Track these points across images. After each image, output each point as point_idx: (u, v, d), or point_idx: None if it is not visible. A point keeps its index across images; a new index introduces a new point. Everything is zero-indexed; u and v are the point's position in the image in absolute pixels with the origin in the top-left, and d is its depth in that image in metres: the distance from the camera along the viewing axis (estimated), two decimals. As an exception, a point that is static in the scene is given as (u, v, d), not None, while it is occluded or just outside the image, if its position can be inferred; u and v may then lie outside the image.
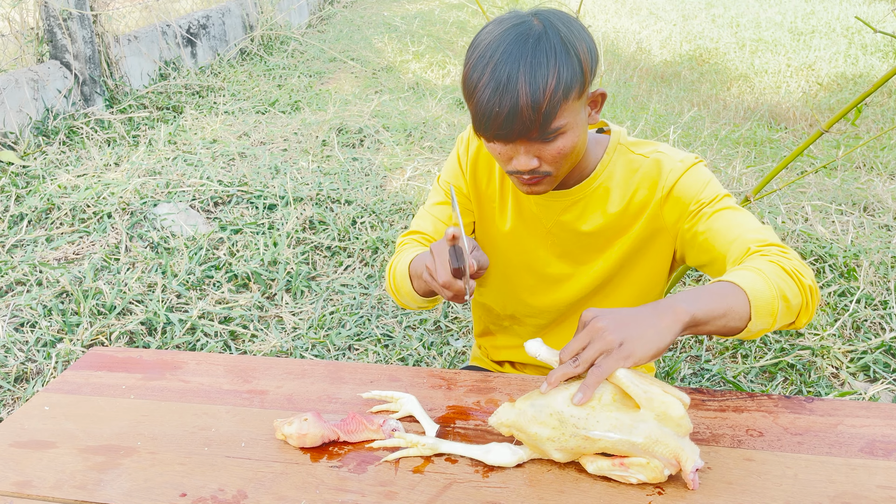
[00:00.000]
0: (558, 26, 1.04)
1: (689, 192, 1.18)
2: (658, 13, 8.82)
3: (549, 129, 1.04)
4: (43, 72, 4.16)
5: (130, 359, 1.30)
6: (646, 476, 0.93)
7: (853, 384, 2.21)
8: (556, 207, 1.26)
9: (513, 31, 1.03)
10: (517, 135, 1.04)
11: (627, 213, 1.24)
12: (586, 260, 1.30)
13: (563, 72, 1.02)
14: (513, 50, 1.01)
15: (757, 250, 1.08)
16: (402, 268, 1.23)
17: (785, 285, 1.03)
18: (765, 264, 1.04)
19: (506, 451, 1.00)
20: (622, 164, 1.24)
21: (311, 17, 8.02)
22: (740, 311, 0.99)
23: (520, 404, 0.97)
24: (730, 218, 1.14)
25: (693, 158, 1.21)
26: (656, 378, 1.07)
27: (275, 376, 1.24)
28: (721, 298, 0.99)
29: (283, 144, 4.06)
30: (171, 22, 5.38)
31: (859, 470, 0.98)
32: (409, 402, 1.12)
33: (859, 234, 3.02)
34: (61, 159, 3.78)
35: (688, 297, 0.99)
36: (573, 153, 1.11)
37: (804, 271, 1.07)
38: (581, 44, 1.05)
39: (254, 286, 2.72)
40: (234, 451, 1.04)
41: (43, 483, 0.99)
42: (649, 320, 0.95)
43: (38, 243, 2.92)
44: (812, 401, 1.14)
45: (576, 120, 1.08)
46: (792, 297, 1.03)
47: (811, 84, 6.07)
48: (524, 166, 1.09)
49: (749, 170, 3.75)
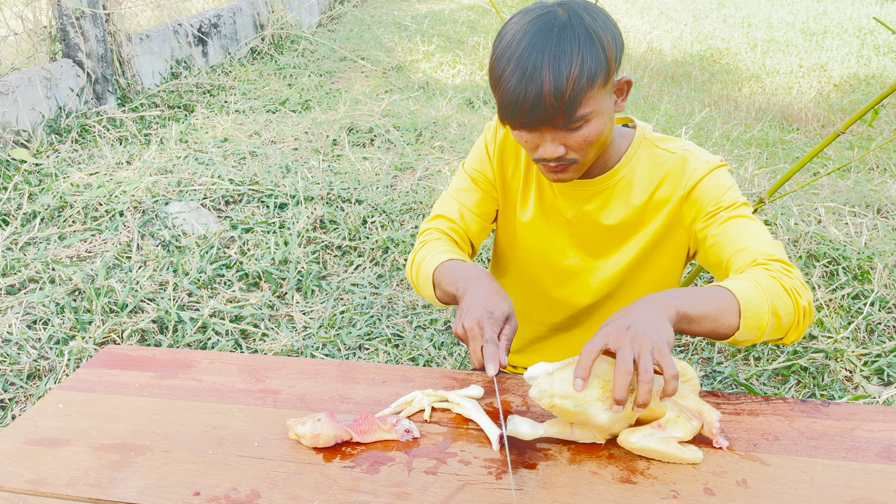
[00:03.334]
0: (583, 16, 1.06)
1: (709, 194, 1.18)
2: (669, 13, 8.78)
3: (574, 116, 1.06)
4: (56, 70, 4.18)
5: (143, 357, 1.30)
6: (681, 430, 0.96)
7: (867, 387, 2.20)
8: (580, 197, 1.27)
9: (538, 21, 1.05)
10: (541, 121, 1.06)
11: (649, 207, 1.25)
12: (603, 253, 1.31)
13: (587, 60, 1.03)
14: (538, 39, 1.03)
15: (762, 263, 1.09)
16: (426, 270, 1.24)
17: (779, 302, 1.03)
18: (765, 278, 1.05)
19: (524, 424, 1.00)
20: (647, 157, 1.24)
21: (321, 17, 8.03)
22: (730, 318, 1.00)
23: (559, 374, 0.95)
24: (743, 226, 1.15)
25: (718, 161, 1.21)
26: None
27: (287, 376, 1.24)
28: (713, 303, 1.00)
29: (293, 143, 4.07)
30: (183, 21, 5.40)
31: (876, 475, 0.97)
32: (426, 399, 1.12)
33: (873, 237, 2.99)
34: (74, 157, 3.80)
35: (681, 295, 1.00)
36: (599, 140, 1.12)
37: (802, 292, 1.07)
38: (606, 33, 1.06)
39: (264, 285, 2.73)
40: (247, 451, 1.04)
41: (57, 481, 0.99)
42: (646, 314, 0.96)
43: (50, 241, 2.94)
44: (828, 405, 1.13)
45: (601, 108, 1.09)
46: (784, 315, 1.04)
47: (823, 85, 6.03)
48: (551, 154, 1.10)
49: (761, 171, 3.73)
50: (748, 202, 1.20)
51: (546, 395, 0.94)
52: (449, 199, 1.36)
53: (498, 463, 1.01)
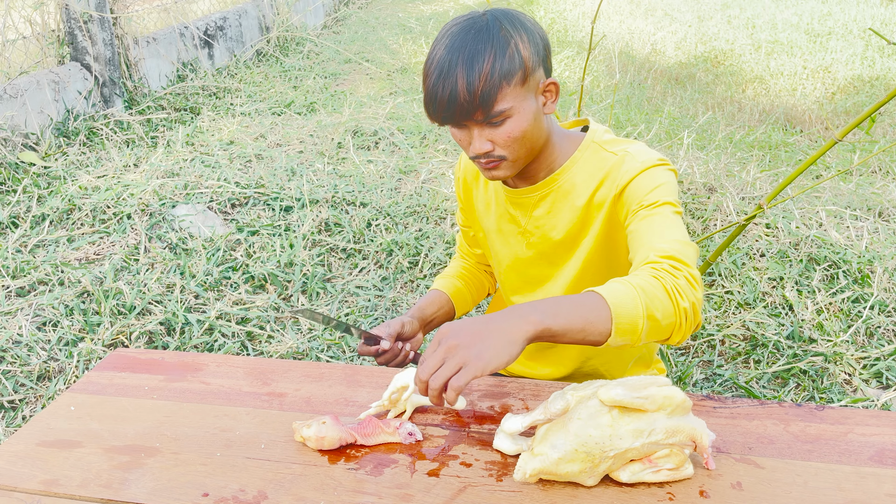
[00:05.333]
0: (502, 21, 1.13)
1: (637, 192, 1.18)
2: (673, 14, 8.79)
3: (492, 112, 1.12)
4: (63, 73, 4.23)
5: (152, 360, 1.33)
6: (673, 463, 0.98)
7: (866, 391, 2.21)
8: (527, 203, 1.32)
9: (460, 26, 1.14)
10: (460, 116, 1.13)
11: (590, 209, 1.27)
12: (559, 261, 1.35)
13: (499, 58, 1.10)
14: (455, 41, 1.11)
15: (653, 261, 1.07)
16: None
17: (657, 304, 1.00)
18: (645, 279, 1.02)
19: (506, 441, 1.04)
20: (592, 160, 1.27)
21: (326, 19, 8.07)
22: (601, 326, 0.98)
23: (539, 449, 0.97)
24: (654, 223, 1.13)
25: (656, 160, 1.21)
26: (632, 375, 1.10)
27: (293, 379, 1.27)
28: (582, 312, 0.98)
29: (298, 146, 4.10)
30: (189, 24, 5.44)
31: (869, 478, 1.00)
32: (415, 396, 1.14)
33: (874, 240, 3.01)
34: (82, 160, 3.84)
35: (548, 307, 0.98)
36: (524, 137, 1.17)
37: (686, 292, 1.03)
38: (522, 34, 1.13)
39: (270, 287, 2.76)
40: (254, 453, 1.07)
41: (70, 482, 1.02)
42: (500, 330, 0.95)
43: (59, 243, 2.98)
44: (823, 409, 1.15)
45: (522, 106, 1.15)
46: (662, 318, 1.01)
47: (827, 86, 6.03)
48: (478, 149, 1.17)
49: (763, 174, 3.74)
50: (676, 203, 1.17)
51: (532, 477, 0.96)
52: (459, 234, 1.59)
53: (499, 465, 1.04)
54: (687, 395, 1.02)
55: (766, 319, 2.53)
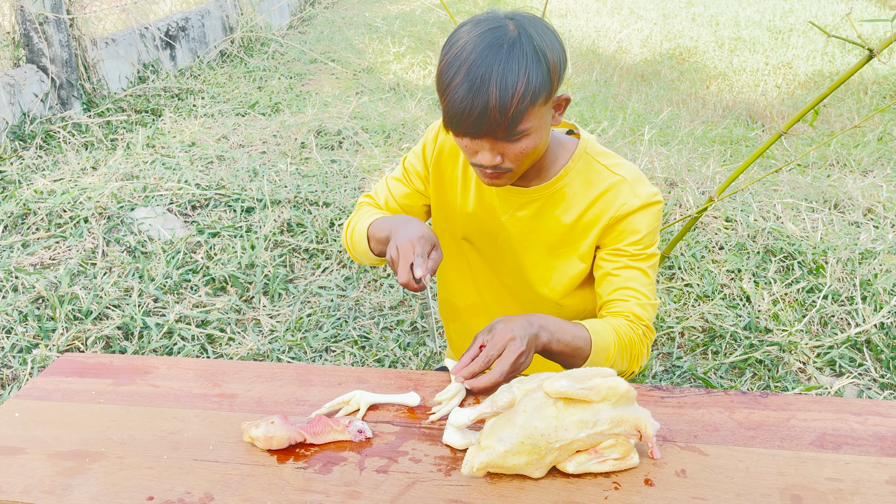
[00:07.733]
0: (532, 33, 1.09)
1: (629, 232, 1.26)
2: (639, 12, 8.88)
3: (515, 130, 1.10)
4: (19, 76, 4.14)
5: (101, 364, 1.31)
6: (619, 452, 0.99)
7: (819, 379, 2.26)
8: (514, 202, 1.32)
9: (489, 34, 1.08)
10: (484, 133, 1.10)
11: (577, 227, 1.30)
12: (535, 265, 1.36)
13: (533, 78, 1.07)
14: (487, 53, 1.07)
15: (635, 321, 1.25)
16: (360, 228, 1.34)
17: (621, 359, 1.23)
18: (626, 337, 1.22)
19: (455, 436, 1.05)
20: (585, 172, 1.28)
21: (291, 19, 8.01)
22: (580, 357, 1.18)
23: (486, 443, 0.98)
24: (635, 278, 1.27)
25: (653, 196, 1.26)
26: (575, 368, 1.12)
27: (245, 380, 1.26)
28: (577, 343, 1.16)
29: (261, 147, 4.07)
30: (150, 24, 5.36)
31: (809, 463, 1.02)
32: (364, 396, 1.15)
33: (828, 231, 3.07)
34: (38, 164, 3.76)
35: (555, 327, 1.15)
36: (534, 153, 1.18)
37: (642, 359, 1.28)
38: (552, 52, 1.10)
39: (231, 289, 2.73)
40: (201, 455, 1.06)
41: (12, 488, 1.00)
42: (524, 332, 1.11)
43: (13, 249, 2.92)
44: (767, 395, 1.18)
45: (540, 123, 1.14)
46: (620, 365, 1.24)
47: (788, 82, 6.14)
48: (488, 162, 1.15)
49: (723, 168, 3.80)
50: (658, 246, 1.31)
51: (480, 471, 0.97)
52: (383, 185, 1.46)
53: (448, 460, 1.04)
54: (634, 386, 1.04)
55: (724, 311, 2.57)
